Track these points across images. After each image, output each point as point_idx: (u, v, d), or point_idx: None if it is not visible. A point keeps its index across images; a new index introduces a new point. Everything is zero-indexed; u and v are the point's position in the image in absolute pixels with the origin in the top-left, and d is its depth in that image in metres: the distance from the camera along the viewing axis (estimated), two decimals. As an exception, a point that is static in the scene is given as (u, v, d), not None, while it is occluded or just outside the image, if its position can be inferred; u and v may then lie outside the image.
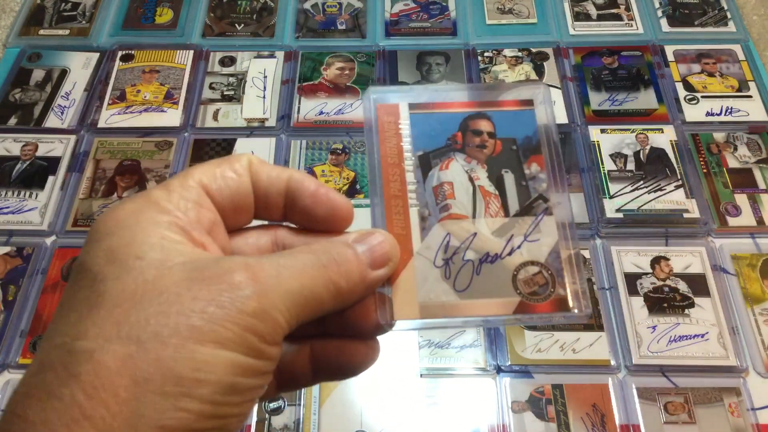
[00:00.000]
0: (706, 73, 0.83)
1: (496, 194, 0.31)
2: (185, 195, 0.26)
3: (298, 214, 0.29)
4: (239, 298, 0.23)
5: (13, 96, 0.83)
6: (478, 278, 0.30)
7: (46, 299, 0.67)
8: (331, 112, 0.81)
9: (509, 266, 0.30)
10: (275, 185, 0.28)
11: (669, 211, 0.72)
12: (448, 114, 0.33)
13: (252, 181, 0.28)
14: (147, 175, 0.76)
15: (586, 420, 0.60)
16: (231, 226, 0.29)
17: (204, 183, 0.27)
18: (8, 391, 0.62)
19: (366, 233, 0.28)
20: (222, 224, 0.28)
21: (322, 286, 0.25)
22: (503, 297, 0.29)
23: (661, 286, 0.67)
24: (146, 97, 0.83)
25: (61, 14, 0.92)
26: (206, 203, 0.27)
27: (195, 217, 0.26)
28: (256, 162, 0.28)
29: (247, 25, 0.90)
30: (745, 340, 0.64)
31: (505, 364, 0.62)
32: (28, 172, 0.77)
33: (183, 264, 0.23)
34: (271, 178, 0.28)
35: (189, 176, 0.27)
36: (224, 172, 0.27)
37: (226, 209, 0.27)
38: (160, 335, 0.21)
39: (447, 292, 0.29)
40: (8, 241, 0.71)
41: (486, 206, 0.31)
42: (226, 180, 0.27)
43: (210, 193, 0.27)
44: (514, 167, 0.32)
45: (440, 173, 0.32)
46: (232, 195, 0.27)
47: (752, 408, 0.60)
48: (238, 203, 0.28)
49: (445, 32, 0.89)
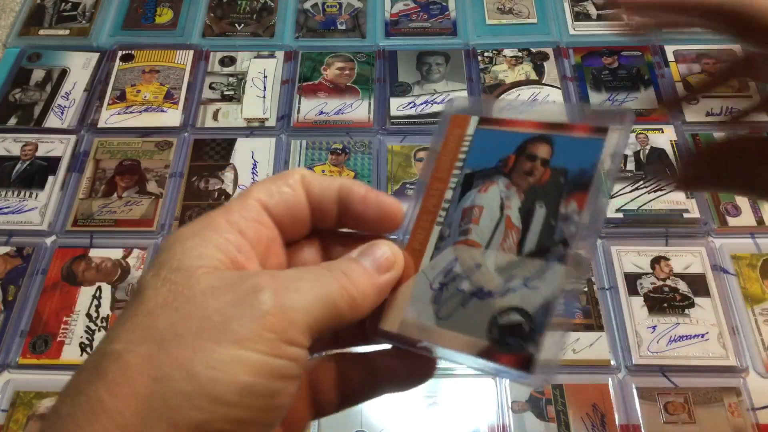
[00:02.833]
0: (706, 73, 0.83)
1: (518, 228, 0.29)
2: (245, 214, 0.27)
3: (351, 219, 0.30)
4: (260, 298, 0.24)
5: (13, 96, 0.83)
6: (461, 311, 0.28)
7: (46, 299, 0.67)
8: (331, 112, 0.81)
9: (494, 307, 0.28)
10: (327, 194, 0.29)
11: (669, 211, 0.72)
12: (512, 133, 0.31)
13: (306, 193, 0.29)
14: (147, 175, 0.76)
15: (586, 420, 0.60)
16: (290, 238, 0.30)
17: (262, 200, 0.28)
18: (8, 390, 0.62)
19: (367, 246, 0.29)
20: (279, 240, 0.29)
21: (336, 292, 0.26)
22: (474, 336, 0.27)
23: (661, 286, 0.67)
24: (146, 97, 0.83)
25: (61, 14, 0.92)
26: (265, 220, 0.28)
27: (254, 235, 0.27)
28: (308, 175, 0.30)
29: (247, 25, 0.90)
30: (745, 340, 0.64)
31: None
32: (28, 172, 0.77)
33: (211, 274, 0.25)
34: (322, 188, 0.29)
35: (248, 195, 0.28)
36: (280, 187, 0.29)
37: (284, 223, 0.29)
38: (181, 337, 0.23)
39: (429, 316, 0.29)
40: (8, 241, 0.71)
41: (503, 239, 0.29)
42: (282, 195, 0.29)
43: (268, 208, 0.28)
44: (551, 202, 0.29)
45: (477, 195, 0.30)
46: (288, 208, 0.29)
47: (752, 408, 0.60)
48: (295, 216, 0.29)
49: (445, 32, 0.89)
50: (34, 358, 0.63)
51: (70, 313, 0.66)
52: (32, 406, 0.61)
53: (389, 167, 0.76)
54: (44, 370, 0.63)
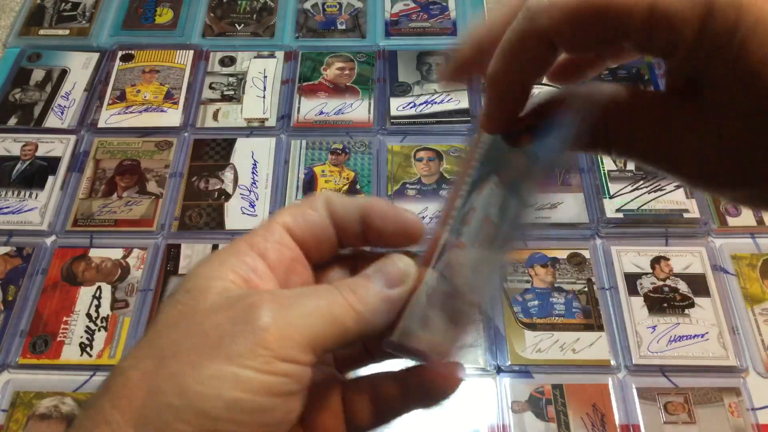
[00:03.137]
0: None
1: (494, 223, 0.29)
2: (267, 236, 0.29)
3: (374, 235, 0.31)
4: (255, 316, 0.24)
5: (13, 96, 0.83)
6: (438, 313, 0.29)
7: (46, 299, 0.67)
8: (331, 112, 0.81)
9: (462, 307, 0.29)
10: (350, 213, 0.30)
11: (669, 211, 0.72)
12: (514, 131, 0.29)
13: (330, 214, 0.30)
14: (147, 175, 0.76)
15: (586, 420, 0.60)
16: (317, 259, 0.31)
17: (287, 223, 0.29)
18: (8, 390, 0.62)
19: (380, 261, 0.29)
20: (303, 260, 0.30)
21: (340, 308, 0.26)
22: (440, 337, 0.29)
23: (661, 286, 0.67)
24: (146, 97, 0.83)
25: (61, 14, 0.92)
26: (287, 241, 0.29)
27: (276, 256, 0.28)
28: (332, 196, 0.31)
29: (247, 25, 0.90)
30: (745, 340, 0.64)
31: (505, 364, 0.62)
32: (28, 172, 0.77)
33: (218, 294, 0.26)
34: (345, 207, 0.30)
35: (273, 220, 0.30)
36: (304, 210, 0.30)
37: (308, 244, 0.30)
38: (179, 353, 0.24)
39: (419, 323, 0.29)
40: (8, 241, 0.71)
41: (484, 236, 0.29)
42: (306, 217, 0.30)
43: (292, 232, 0.29)
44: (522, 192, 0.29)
45: (474, 198, 0.30)
46: (312, 230, 0.30)
47: (752, 408, 0.60)
48: (319, 237, 0.30)
49: (445, 32, 0.89)
50: (34, 358, 0.63)
51: (70, 313, 0.66)
52: (32, 406, 0.61)
53: (389, 167, 0.76)
54: (44, 370, 0.63)
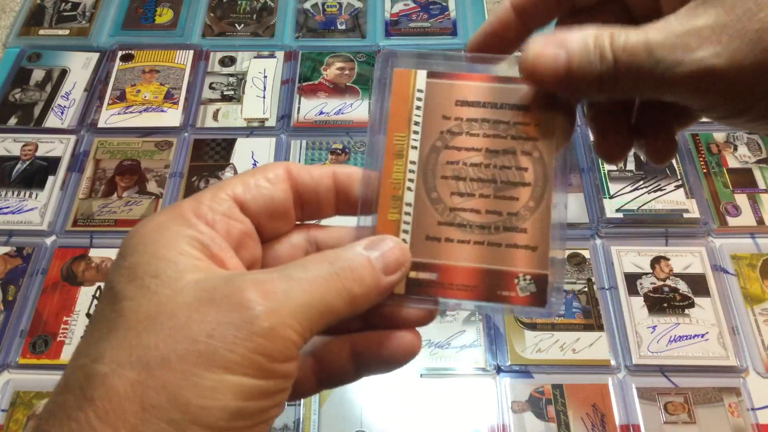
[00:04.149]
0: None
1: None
2: (215, 207, 0.27)
3: (353, 204, 0.30)
4: (248, 318, 0.23)
5: (13, 96, 0.83)
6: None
7: (46, 299, 0.67)
8: (331, 112, 0.81)
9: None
10: (323, 183, 0.29)
11: (669, 211, 0.72)
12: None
13: (296, 186, 0.29)
14: (147, 175, 0.76)
15: (586, 420, 0.60)
16: (270, 234, 0.29)
17: (237, 194, 0.27)
18: (8, 390, 0.62)
19: (377, 239, 0.28)
20: (254, 234, 0.28)
21: (334, 294, 0.25)
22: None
23: (661, 286, 0.67)
24: (146, 97, 0.83)
25: (61, 14, 0.92)
26: (236, 215, 0.27)
27: (223, 229, 0.26)
28: (295, 167, 0.29)
29: (247, 25, 0.90)
30: (745, 340, 0.64)
31: (505, 364, 0.62)
32: (28, 172, 0.77)
33: (196, 283, 0.24)
34: (314, 177, 0.29)
35: (222, 188, 0.28)
36: (258, 181, 0.28)
37: (261, 218, 0.28)
38: (168, 361, 0.22)
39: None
40: (8, 241, 0.71)
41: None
42: (260, 189, 0.28)
43: (243, 203, 0.28)
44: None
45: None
46: (266, 203, 0.28)
47: (752, 408, 0.60)
48: (274, 211, 0.28)
49: (445, 32, 0.89)
50: (34, 358, 0.63)
51: (70, 313, 0.66)
52: (32, 406, 0.61)
53: (389, 167, 0.76)
54: (44, 370, 0.63)
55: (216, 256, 0.26)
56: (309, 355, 0.29)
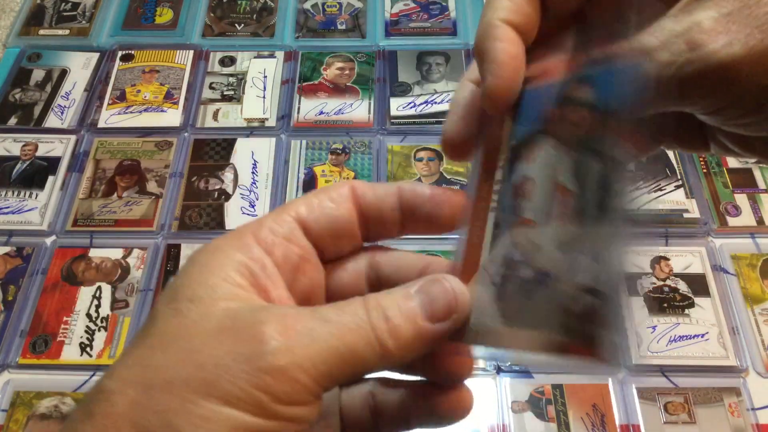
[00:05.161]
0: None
1: (574, 192, 0.24)
2: (276, 229, 0.26)
3: (420, 222, 0.28)
4: (259, 352, 0.21)
5: (13, 96, 0.83)
6: (527, 303, 0.24)
7: (46, 299, 0.67)
8: (331, 112, 0.81)
9: (564, 293, 0.23)
10: (387, 201, 0.28)
11: (669, 211, 0.72)
12: (549, 85, 0.25)
13: (360, 205, 0.27)
14: (147, 175, 0.76)
15: (586, 420, 0.60)
16: (333, 255, 0.28)
17: (300, 215, 0.27)
18: (8, 390, 0.62)
19: (431, 280, 0.25)
20: (314, 259, 0.27)
21: (363, 343, 0.23)
22: (545, 331, 0.23)
23: (661, 286, 0.67)
24: (146, 97, 0.83)
25: (61, 14, 0.92)
26: (297, 238, 0.26)
27: (281, 254, 0.25)
28: (360, 186, 0.28)
29: (247, 25, 0.90)
30: (745, 340, 0.64)
31: (505, 364, 0.62)
32: (28, 172, 0.77)
33: (225, 310, 0.23)
34: (379, 195, 0.28)
35: (285, 209, 0.27)
36: (321, 201, 0.27)
37: (324, 239, 0.27)
38: (171, 385, 0.21)
39: (494, 316, 0.24)
40: (8, 241, 0.71)
41: (561, 210, 0.24)
42: (323, 209, 0.27)
43: (306, 224, 0.27)
44: (606, 153, 0.23)
45: (525, 167, 0.25)
46: (329, 223, 0.27)
47: (752, 408, 0.60)
48: (337, 231, 0.27)
49: (445, 32, 0.89)
50: (34, 358, 0.63)
51: (70, 313, 0.66)
52: (32, 406, 0.61)
53: (389, 167, 0.76)
54: (44, 370, 0.63)
55: (261, 285, 0.24)
56: (365, 408, 0.28)
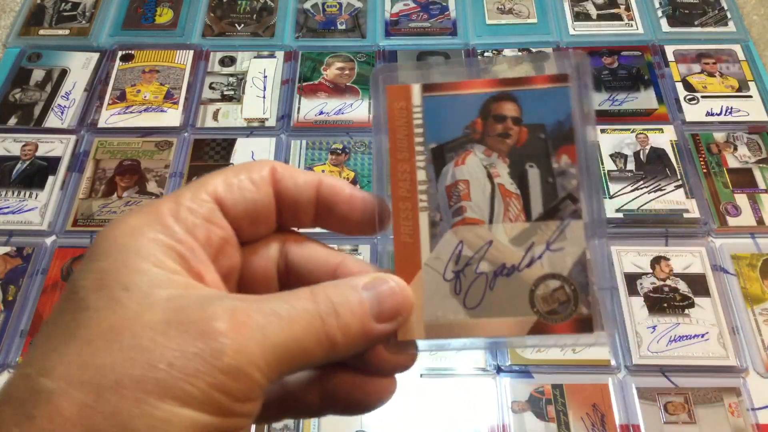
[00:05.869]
0: (706, 73, 0.83)
1: (517, 194, 0.27)
2: (195, 209, 0.25)
3: (333, 220, 0.27)
4: (213, 351, 0.21)
5: (13, 96, 0.83)
6: (491, 294, 0.26)
7: (46, 299, 0.67)
8: (331, 112, 0.81)
9: (527, 280, 0.26)
10: (305, 193, 0.27)
11: (669, 211, 0.72)
12: (468, 96, 0.28)
13: (278, 191, 0.27)
14: (147, 175, 0.76)
15: (586, 420, 0.60)
16: (247, 238, 0.27)
17: (219, 194, 0.25)
18: (8, 391, 0.62)
19: (379, 279, 0.25)
20: (234, 241, 0.26)
21: (314, 339, 0.23)
22: (517, 316, 0.26)
23: (661, 286, 0.67)
24: (146, 97, 0.83)
25: (61, 14, 0.92)
26: (218, 219, 0.25)
27: (203, 236, 0.24)
28: (281, 170, 0.27)
29: (247, 25, 0.90)
30: (745, 340, 0.64)
31: (505, 364, 0.62)
32: (28, 172, 0.77)
33: (167, 300, 0.22)
34: (298, 186, 0.27)
35: (203, 188, 0.25)
36: (242, 182, 0.26)
37: (241, 221, 0.26)
38: (121, 385, 0.20)
39: (456, 309, 0.26)
40: (8, 241, 0.71)
41: (505, 209, 0.27)
42: (243, 192, 0.26)
43: (224, 205, 0.25)
44: (541, 160, 0.27)
45: (455, 169, 0.28)
46: (248, 208, 0.26)
47: (752, 408, 0.60)
48: (255, 216, 0.26)
49: (445, 32, 0.89)
50: (34, 358, 0.63)
51: (70, 313, 0.66)
52: (32, 406, 0.61)
53: (389, 167, 0.76)
54: (44, 370, 0.63)
55: (194, 269, 0.24)
56: (277, 385, 0.27)
